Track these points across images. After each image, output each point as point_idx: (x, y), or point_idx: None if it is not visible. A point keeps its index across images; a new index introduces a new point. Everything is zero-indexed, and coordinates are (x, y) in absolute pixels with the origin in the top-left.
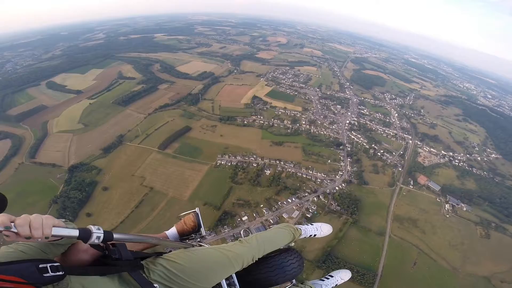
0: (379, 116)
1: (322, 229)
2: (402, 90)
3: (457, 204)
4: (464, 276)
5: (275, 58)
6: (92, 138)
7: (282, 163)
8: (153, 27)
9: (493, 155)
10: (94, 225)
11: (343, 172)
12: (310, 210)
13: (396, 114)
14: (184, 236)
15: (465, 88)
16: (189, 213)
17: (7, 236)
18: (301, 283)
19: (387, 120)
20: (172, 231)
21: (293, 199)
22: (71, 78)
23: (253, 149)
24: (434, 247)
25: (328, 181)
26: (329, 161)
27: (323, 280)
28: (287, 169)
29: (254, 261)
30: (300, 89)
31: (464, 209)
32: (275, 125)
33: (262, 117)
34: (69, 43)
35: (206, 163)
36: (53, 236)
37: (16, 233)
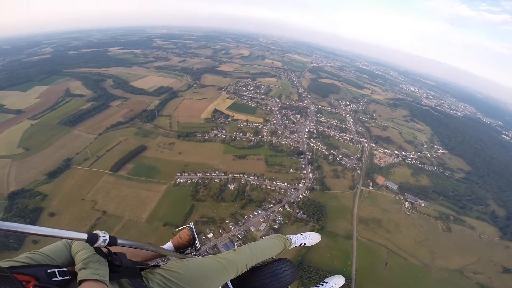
0: (335, 122)
1: (311, 238)
2: (355, 96)
3: (415, 201)
4: (436, 271)
5: (237, 70)
6: (34, 163)
7: (246, 176)
8: (108, 41)
9: (440, 150)
10: (100, 230)
11: (305, 180)
12: (277, 221)
13: (351, 120)
14: (180, 250)
15: (410, 90)
16: (184, 228)
17: None
18: None
19: (343, 126)
20: (169, 246)
21: (259, 212)
22: (10, 96)
23: (215, 165)
24: (401, 245)
25: (292, 190)
26: (291, 170)
27: (318, 287)
28: (251, 182)
29: (248, 269)
30: (261, 100)
31: (423, 205)
32: (238, 138)
33: (224, 131)
34: (11, 57)
35: (164, 182)
36: (64, 238)
37: None
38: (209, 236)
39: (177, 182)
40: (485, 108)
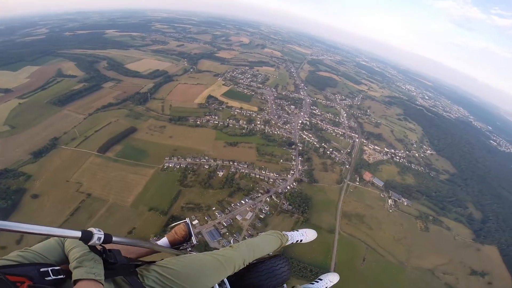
0: (329, 116)
1: (307, 234)
2: (352, 91)
3: (398, 199)
4: (410, 270)
5: (236, 57)
6: (20, 141)
7: (236, 164)
8: (106, 23)
9: (429, 151)
10: (95, 227)
11: (294, 171)
12: (263, 211)
13: (345, 114)
14: (176, 245)
15: (406, 89)
16: (179, 223)
17: None
18: (293, 287)
19: (337, 120)
20: (164, 241)
21: (247, 201)
22: (0, 76)
23: (205, 151)
24: (380, 242)
25: (280, 180)
26: (282, 160)
27: (313, 284)
28: (241, 170)
29: (245, 265)
30: (257, 89)
31: (405, 203)
32: (230, 125)
33: (217, 117)
34: (4, 37)
35: (152, 166)
36: (57, 236)
37: None
38: (194, 222)
39: (165, 167)
40: (478, 112)
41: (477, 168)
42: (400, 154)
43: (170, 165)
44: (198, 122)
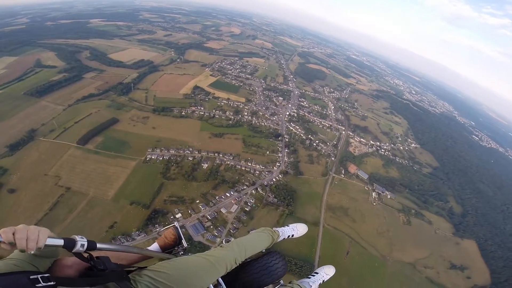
0: (317, 108)
1: (298, 229)
2: (340, 84)
3: (382, 192)
4: (392, 263)
5: (225, 48)
6: None
7: (221, 155)
8: (91, 12)
9: (413, 144)
10: (77, 235)
11: (280, 163)
12: (249, 204)
13: (333, 107)
14: (167, 250)
15: (394, 84)
16: (168, 228)
17: (5, 248)
18: (289, 283)
19: (324, 112)
20: (154, 246)
21: (232, 193)
22: None
23: (189, 142)
24: (364, 235)
25: (266, 172)
26: (268, 152)
27: (310, 278)
28: (226, 162)
29: (238, 264)
30: (246, 80)
31: (389, 196)
32: (217, 116)
33: (202, 108)
34: None
35: (134, 158)
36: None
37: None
38: (177, 216)
39: (147, 159)
40: (462, 108)
41: (459, 162)
42: (385, 147)
43: (153, 157)
44: (183, 113)
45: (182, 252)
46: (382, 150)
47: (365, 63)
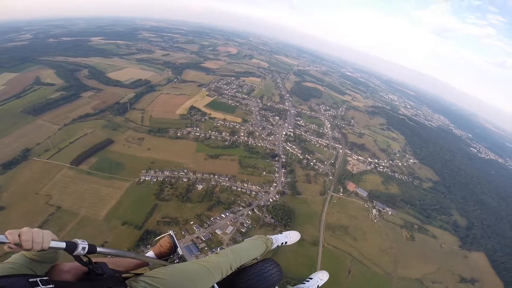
0: (313, 127)
1: (291, 236)
2: (336, 102)
3: (383, 209)
4: (398, 280)
5: (222, 68)
6: None
7: (216, 177)
8: (92, 30)
9: (412, 160)
10: (79, 238)
11: (277, 184)
12: (245, 225)
13: (329, 125)
14: (162, 258)
15: (389, 99)
16: (164, 236)
17: (11, 248)
18: None
19: (321, 130)
20: (150, 255)
21: (227, 214)
22: None
23: (184, 163)
24: (366, 253)
25: (263, 193)
26: (264, 173)
27: (304, 283)
28: (222, 183)
29: (233, 270)
30: (242, 100)
31: (390, 213)
32: (212, 137)
33: (198, 129)
34: None
35: (127, 179)
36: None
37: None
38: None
39: (141, 180)
40: (458, 120)
41: (459, 176)
42: (383, 164)
43: (147, 179)
44: (178, 134)
45: (177, 260)
46: (381, 167)
47: (359, 80)
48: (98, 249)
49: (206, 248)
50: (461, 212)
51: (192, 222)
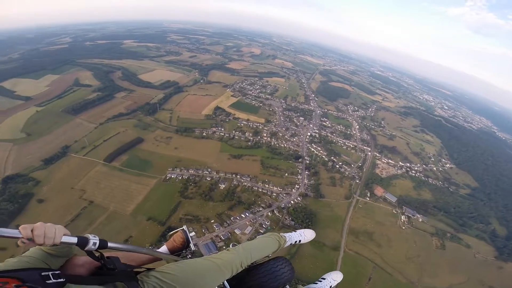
0: (340, 128)
1: (305, 235)
2: (365, 102)
3: (413, 215)
4: None
5: (246, 68)
6: (34, 148)
7: (238, 176)
8: (123, 33)
9: (448, 165)
10: (90, 233)
11: (299, 186)
12: (264, 226)
13: (357, 126)
14: (175, 253)
15: (424, 99)
16: (177, 231)
17: (23, 243)
18: None
19: (348, 132)
20: (163, 249)
21: (247, 214)
22: (23, 84)
23: (209, 162)
24: (390, 260)
25: (284, 195)
26: (287, 174)
27: (316, 283)
28: (243, 183)
29: (243, 268)
30: (265, 100)
31: (420, 220)
32: (236, 137)
33: (223, 129)
34: (31, 46)
35: (154, 176)
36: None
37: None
38: (191, 234)
39: (167, 177)
40: (502, 122)
41: (502, 182)
42: (416, 168)
43: (173, 176)
44: (204, 134)
45: (190, 256)
46: (413, 171)
47: (390, 79)
48: (110, 244)
49: (224, 247)
50: (501, 221)
51: (212, 221)
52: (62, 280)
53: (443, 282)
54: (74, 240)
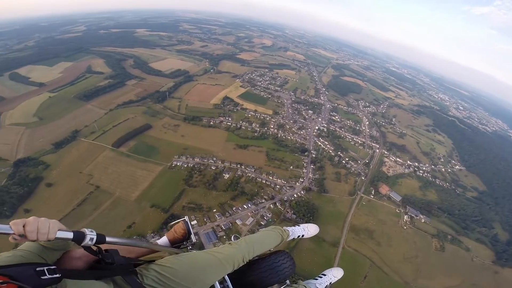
0: (349, 123)
1: (309, 229)
2: (377, 98)
3: (416, 216)
4: None
5: (256, 59)
6: (45, 132)
7: (243, 167)
8: (138, 22)
9: (457, 166)
10: (87, 228)
11: (304, 179)
12: (265, 218)
13: (367, 122)
14: (176, 244)
15: (439, 98)
16: (178, 222)
17: (15, 239)
18: (295, 283)
19: (357, 127)
20: (164, 240)
21: (249, 205)
22: (37, 70)
23: (214, 151)
24: (387, 260)
25: (288, 187)
26: (291, 167)
27: (317, 279)
28: (247, 174)
29: (245, 262)
30: (274, 92)
31: (423, 220)
32: (243, 127)
33: (230, 119)
34: (46, 34)
35: (160, 163)
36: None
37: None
38: (192, 223)
39: (173, 165)
40: None
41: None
42: (424, 168)
43: (178, 164)
44: (211, 123)
45: (190, 247)
46: (421, 171)
47: (406, 76)
48: (108, 238)
49: (224, 237)
50: (505, 226)
51: (215, 210)
52: (58, 275)
53: (437, 284)
54: (69, 235)
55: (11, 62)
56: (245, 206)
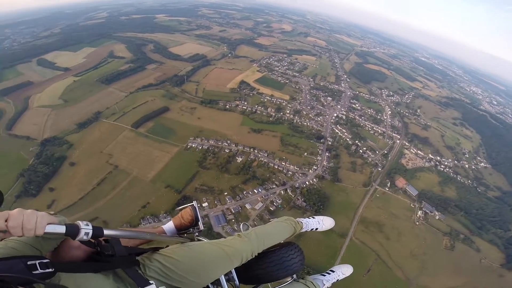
0: (370, 112)
1: (324, 223)
2: (402, 88)
3: (430, 212)
4: (415, 287)
5: (275, 44)
6: (70, 113)
7: (256, 151)
8: (157, 8)
9: (482, 164)
10: (82, 221)
11: (317, 167)
12: (275, 204)
13: (390, 112)
14: (182, 230)
15: (471, 91)
16: (186, 207)
17: None
18: (302, 278)
19: (378, 117)
20: (170, 226)
21: (260, 190)
22: (62, 56)
23: (229, 135)
24: (393, 255)
25: (300, 174)
26: (306, 153)
27: (324, 275)
28: (260, 158)
29: (253, 257)
30: (292, 77)
31: (437, 217)
32: (258, 112)
33: (246, 103)
34: (71, 21)
35: (176, 144)
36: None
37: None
38: (204, 205)
39: (188, 146)
40: None
41: None
42: (446, 163)
43: (193, 145)
44: (227, 106)
45: (197, 234)
46: (442, 166)
47: (436, 66)
48: (106, 232)
49: (233, 220)
50: None
51: (226, 193)
52: (51, 270)
53: (438, 283)
54: (61, 229)
55: (38, 48)
56: (255, 191)
